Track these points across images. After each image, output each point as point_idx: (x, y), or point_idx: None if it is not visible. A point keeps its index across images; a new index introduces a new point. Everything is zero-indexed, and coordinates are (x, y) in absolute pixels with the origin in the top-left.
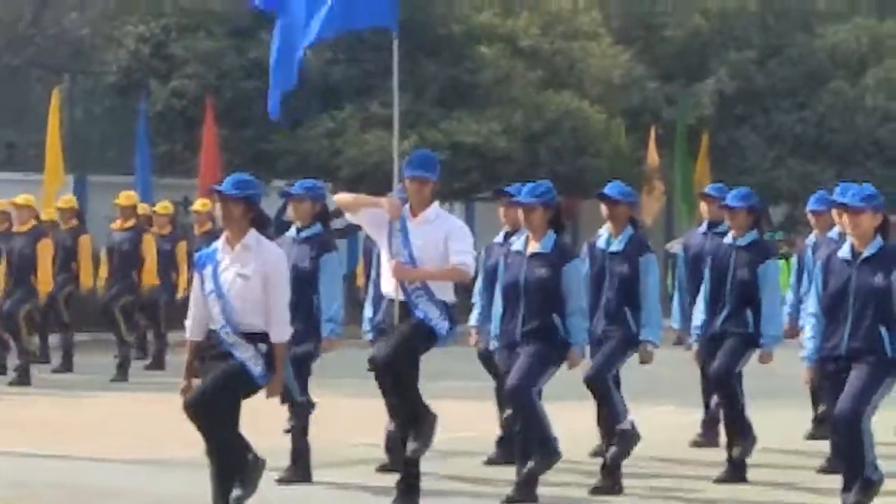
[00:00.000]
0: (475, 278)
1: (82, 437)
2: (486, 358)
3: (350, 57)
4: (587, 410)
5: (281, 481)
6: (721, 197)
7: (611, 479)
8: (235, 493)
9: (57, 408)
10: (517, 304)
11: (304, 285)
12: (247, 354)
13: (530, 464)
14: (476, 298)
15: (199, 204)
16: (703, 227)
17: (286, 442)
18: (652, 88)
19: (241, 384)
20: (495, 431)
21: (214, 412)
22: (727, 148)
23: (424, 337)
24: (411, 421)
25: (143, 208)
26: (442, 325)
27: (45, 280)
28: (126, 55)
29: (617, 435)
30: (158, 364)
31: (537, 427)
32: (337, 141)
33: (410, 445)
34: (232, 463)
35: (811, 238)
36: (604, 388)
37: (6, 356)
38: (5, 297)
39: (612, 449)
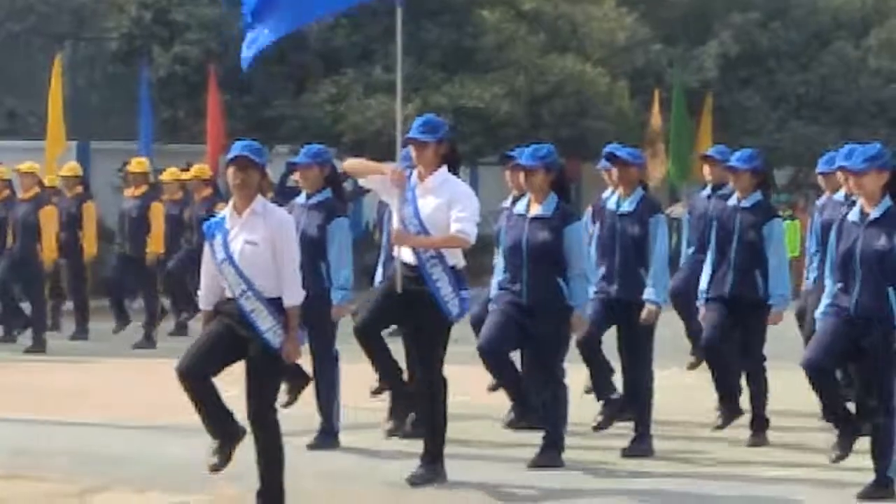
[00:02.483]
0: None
1: (89, 404)
2: (476, 325)
3: (352, 22)
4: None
5: (311, 447)
6: (724, 159)
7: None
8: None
9: (62, 374)
10: (520, 266)
11: (312, 252)
12: (267, 325)
13: (537, 457)
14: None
15: (195, 170)
16: (707, 190)
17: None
18: (655, 51)
19: (277, 372)
20: (498, 395)
21: (268, 417)
22: (731, 110)
23: (446, 333)
24: (430, 444)
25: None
26: (454, 305)
27: (49, 247)
28: (128, 21)
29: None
30: (181, 330)
31: (554, 421)
32: (340, 106)
33: (418, 471)
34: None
35: (822, 199)
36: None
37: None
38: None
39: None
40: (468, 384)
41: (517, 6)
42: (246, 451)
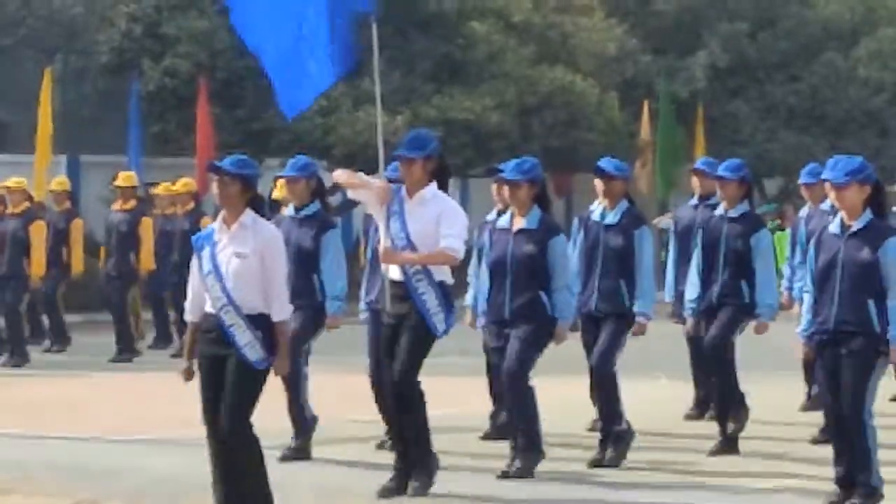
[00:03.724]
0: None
1: (79, 418)
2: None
3: None
4: (579, 385)
5: (283, 459)
6: (712, 171)
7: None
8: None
9: (52, 388)
10: (504, 280)
11: (306, 265)
12: (245, 340)
13: (517, 464)
14: (471, 278)
15: (180, 184)
16: (694, 201)
17: (287, 422)
18: (645, 62)
19: (254, 387)
20: (486, 406)
21: (243, 431)
22: (721, 121)
23: (427, 344)
24: (416, 451)
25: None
26: (439, 319)
27: (38, 262)
28: (118, 35)
29: (612, 437)
30: (164, 343)
31: (525, 421)
32: (330, 119)
33: (413, 484)
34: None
35: (804, 210)
36: (610, 385)
37: None
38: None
39: (609, 452)
40: (468, 397)
41: (507, 18)
42: None
